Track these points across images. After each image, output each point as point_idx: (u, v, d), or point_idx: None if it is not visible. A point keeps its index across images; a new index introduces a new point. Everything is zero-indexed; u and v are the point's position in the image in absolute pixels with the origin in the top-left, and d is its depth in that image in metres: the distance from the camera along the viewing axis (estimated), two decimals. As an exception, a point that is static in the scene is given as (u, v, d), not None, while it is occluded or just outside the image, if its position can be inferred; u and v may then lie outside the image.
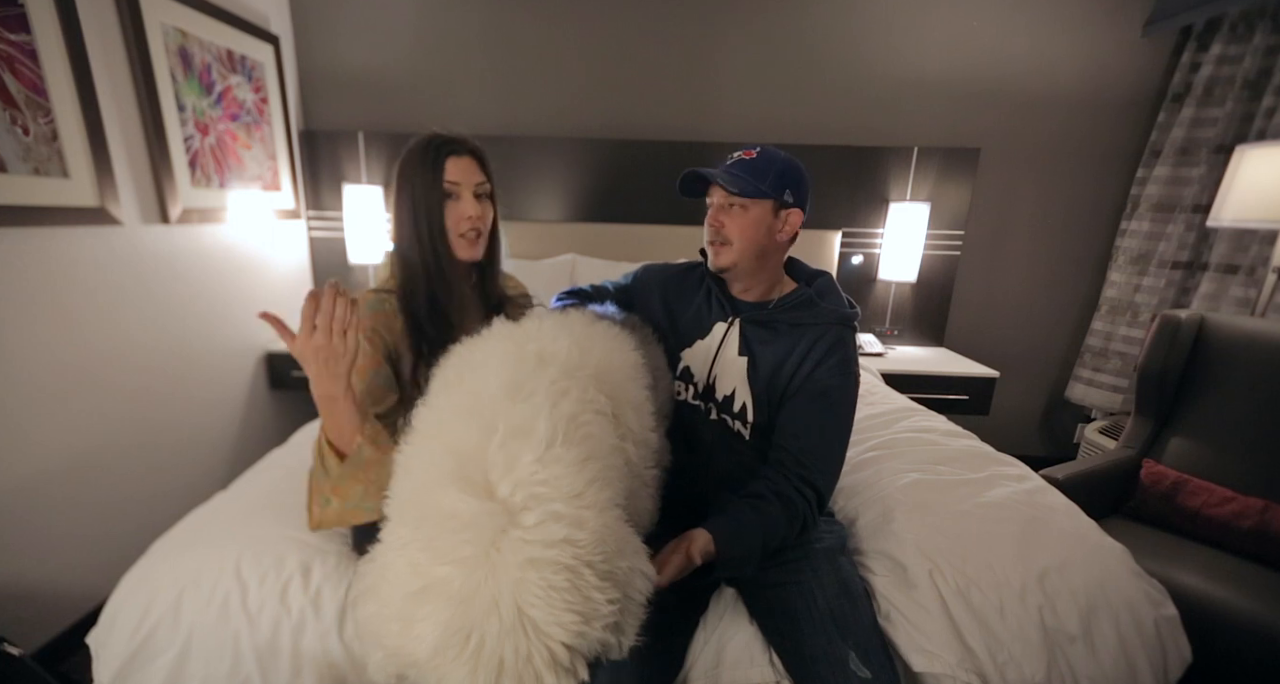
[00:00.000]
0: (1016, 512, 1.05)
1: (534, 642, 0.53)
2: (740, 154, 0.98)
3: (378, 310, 0.98)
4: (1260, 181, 1.68)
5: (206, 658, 0.89)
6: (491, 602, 0.53)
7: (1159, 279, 2.25)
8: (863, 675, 0.82)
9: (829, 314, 0.99)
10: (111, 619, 0.92)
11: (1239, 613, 1.15)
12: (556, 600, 0.53)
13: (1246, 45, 2.03)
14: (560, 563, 0.55)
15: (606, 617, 0.56)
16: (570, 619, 0.53)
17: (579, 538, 0.57)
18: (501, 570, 0.54)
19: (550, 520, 0.57)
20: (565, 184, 2.43)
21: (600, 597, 0.56)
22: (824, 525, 1.05)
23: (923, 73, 2.34)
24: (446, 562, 0.55)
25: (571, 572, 0.55)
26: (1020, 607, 0.90)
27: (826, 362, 0.96)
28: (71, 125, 1.45)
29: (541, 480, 0.59)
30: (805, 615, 0.88)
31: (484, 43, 2.34)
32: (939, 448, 1.33)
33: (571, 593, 0.54)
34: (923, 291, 2.52)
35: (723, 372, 1.02)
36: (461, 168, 0.99)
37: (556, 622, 0.53)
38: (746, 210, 0.97)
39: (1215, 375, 1.50)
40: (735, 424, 1.03)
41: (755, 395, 1.00)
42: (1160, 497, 1.46)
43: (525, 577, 0.53)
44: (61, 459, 1.48)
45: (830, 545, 1.00)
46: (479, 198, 1.01)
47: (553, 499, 0.58)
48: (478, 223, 1.01)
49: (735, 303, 1.05)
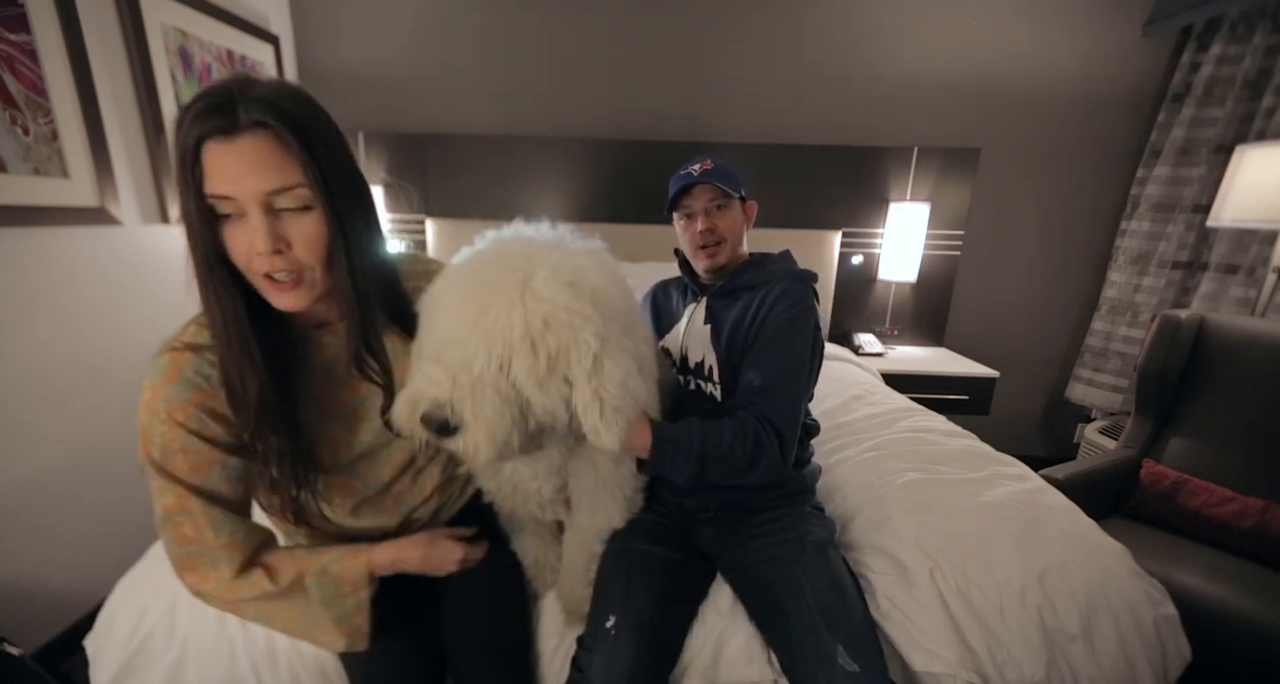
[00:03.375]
0: (1016, 511, 1.05)
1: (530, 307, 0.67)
2: (699, 166, 1.07)
3: (199, 388, 0.67)
4: (1260, 181, 1.68)
5: (203, 664, 0.89)
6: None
7: (1159, 279, 2.25)
8: (850, 669, 0.82)
9: (778, 271, 1.08)
10: (108, 623, 0.92)
11: (1239, 613, 1.15)
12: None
13: (1246, 45, 2.03)
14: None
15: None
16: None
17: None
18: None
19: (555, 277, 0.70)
20: (565, 184, 2.43)
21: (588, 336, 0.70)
22: (814, 518, 1.06)
23: (923, 73, 2.34)
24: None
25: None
26: (1020, 606, 0.90)
27: (775, 308, 1.01)
28: (71, 125, 1.45)
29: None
30: (794, 611, 0.89)
31: (484, 43, 2.34)
32: (938, 447, 1.33)
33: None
34: (923, 292, 2.52)
35: (692, 342, 1.10)
36: (236, 162, 0.57)
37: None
38: (728, 210, 1.08)
39: (1215, 375, 1.50)
40: (708, 387, 1.07)
41: (719, 356, 1.05)
42: (1160, 497, 1.46)
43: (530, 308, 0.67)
44: (61, 459, 1.48)
45: (821, 538, 1.01)
46: (278, 213, 0.61)
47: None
48: (284, 262, 0.63)
49: (703, 286, 1.14)
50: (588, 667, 0.85)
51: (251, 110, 0.56)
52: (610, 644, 0.85)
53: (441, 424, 0.65)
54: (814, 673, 0.83)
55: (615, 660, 0.83)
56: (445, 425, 0.65)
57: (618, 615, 0.88)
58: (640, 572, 0.95)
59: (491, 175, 2.39)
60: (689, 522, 1.08)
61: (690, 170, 1.07)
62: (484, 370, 0.66)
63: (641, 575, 0.94)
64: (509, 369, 0.67)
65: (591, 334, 0.69)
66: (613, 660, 0.83)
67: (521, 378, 0.68)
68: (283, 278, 0.64)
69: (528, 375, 0.67)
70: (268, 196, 0.59)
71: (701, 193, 1.07)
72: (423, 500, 0.91)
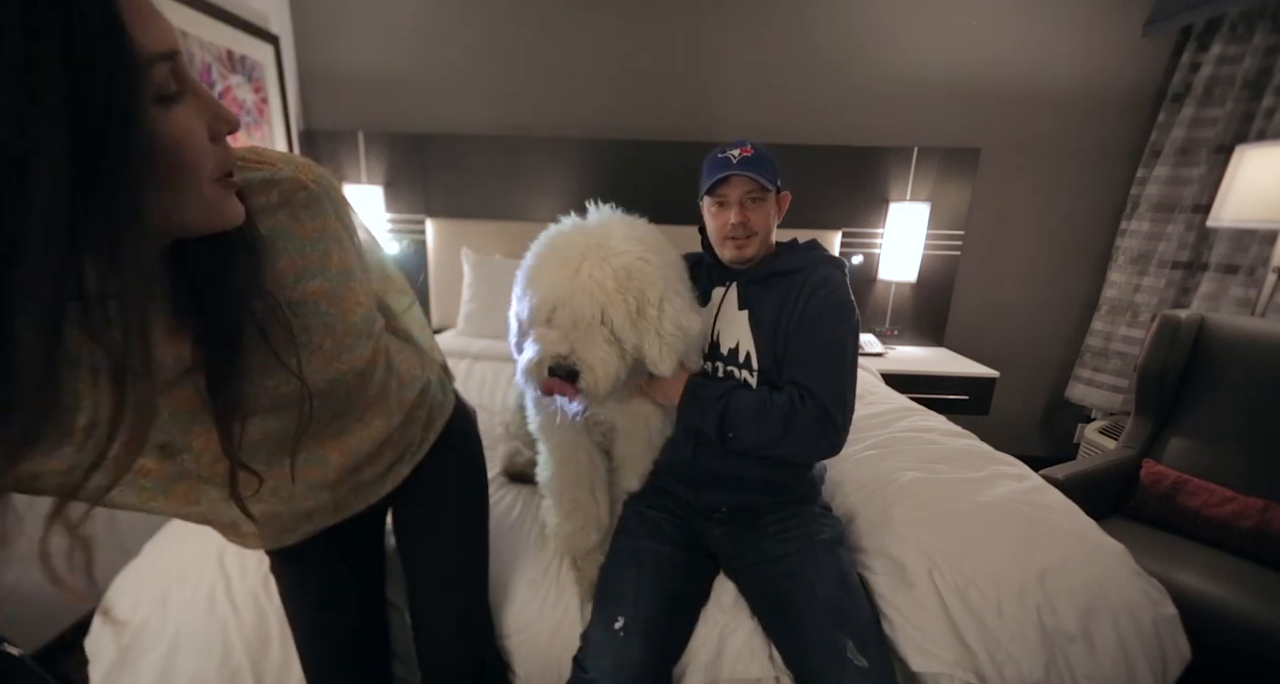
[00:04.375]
0: (1015, 511, 1.05)
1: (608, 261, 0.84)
2: (739, 152, 1.01)
3: None
4: (1260, 181, 1.68)
5: (196, 651, 0.89)
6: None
7: (1159, 279, 2.25)
8: (860, 665, 0.82)
9: (814, 257, 1.06)
10: (102, 620, 0.93)
11: (1239, 613, 1.15)
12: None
13: (1246, 45, 2.03)
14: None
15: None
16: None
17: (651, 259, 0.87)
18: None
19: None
20: (565, 184, 2.43)
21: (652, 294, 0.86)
22: (822, 518, 1.06)
23: (923, 73, 2.33)
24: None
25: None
26: (1019, 606, 0.90)
27: (816, 294, 1.00)
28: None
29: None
30: (804, 605, 0.89)
31: (484, 43, 2.34)
32: (938, 447, 1.34)
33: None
34: (923, 292, 2.52)
35: (725, 327, 1.07)
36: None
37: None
38: (764, 202, 1.04)
39: (1215, 375, 1.50)
40: (743, 374, 1.05)
41: (758, 343, 1.03)
42: (1160, 497, 1.45)
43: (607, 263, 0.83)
44: (61, 459, 1.48)
45: (829, 538, 1.01)
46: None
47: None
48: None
49: (730, 271, 1.10)
50: (593, 667, 0.85)
51: None
52: (620, 645, 0.85)
53: (569, 370, 0.81)
54: (823, 668, 0.83)
55: (624, 662, 0.83)
56: (572, 371, 0.81)
57: (627, 617, 0.88)
58: (650, 572, 0.95)
59: (491, 175, 2.39)
60: (698, 520, 1.08)
61: (729, 155, 1.01)
62: (591, 322, 0.83)
63: (651, 576, 0.95)
64: (607, 316, 0.83)
65: (659, 278, 0.86)
66: (621, 662, 0.83)
67: (617, 322, 0.83)
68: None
69: (622, 319, 0.83)
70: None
71: (740, 183, 1.01)
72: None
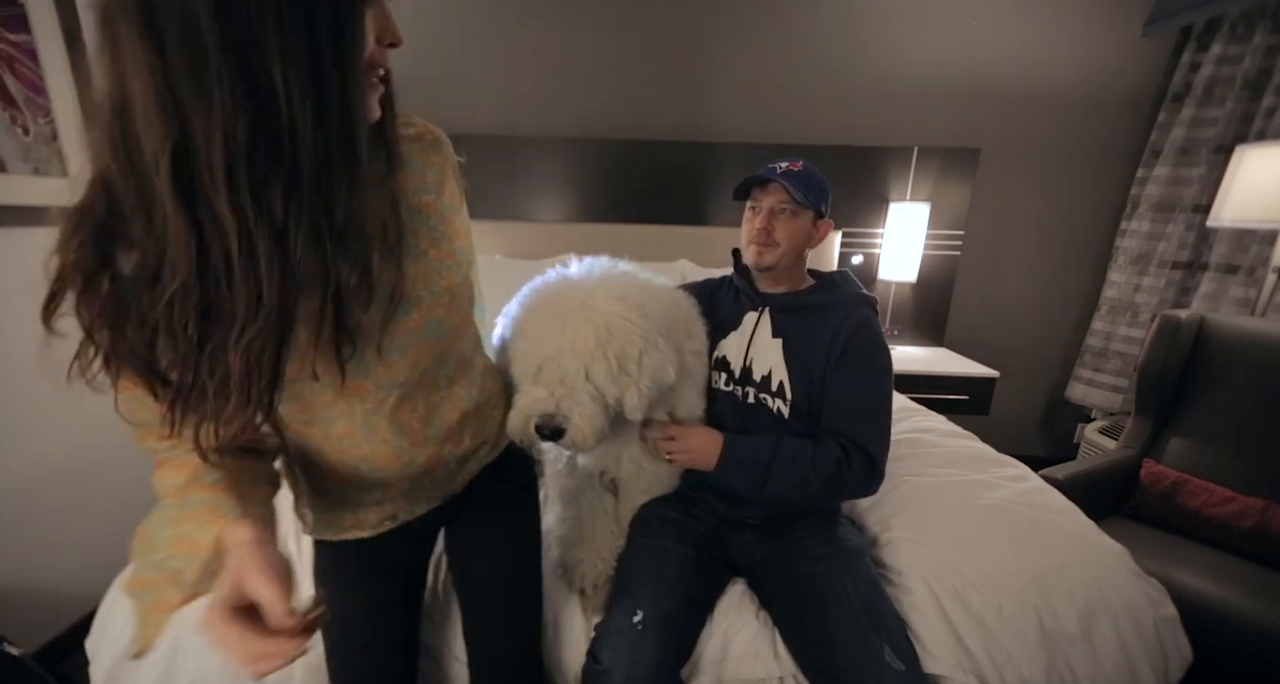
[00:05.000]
0: (1015, 512, 1.05)
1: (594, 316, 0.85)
2: (786, 165, 1.03)
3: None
4: (1260, 181, 1.68)
5: (197, 653, 0.89)
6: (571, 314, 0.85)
7: (1159, 279, 2.25)
8: (897, 668, 0.83)
9: (850, 295, 1.07)
10: (104, 620, 0.93)
11: (1239, 613, 1.15)
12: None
13: (1246, 45, 2.03)
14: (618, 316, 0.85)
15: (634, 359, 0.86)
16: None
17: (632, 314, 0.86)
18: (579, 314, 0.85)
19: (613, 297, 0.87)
20: (565, 184, 2.42)
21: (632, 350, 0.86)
22: (849, 527, 1.08)
23: (923, 73, 2.33)
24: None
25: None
26: (1019, 608, 0.90)
27: (857, 336, 1.02)
28: (71, 125, 1.45)
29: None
30: (837, 604, 0.90)
31: (484, 42, 2.34)
32: (938, 449, 1.34)
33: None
34: (923, 291, 2.52)
35: (759, 354, 1.07)
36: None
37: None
38: (796, 217, 1.04)
39: (1215, 375, 1.50)
40: (775, 403, 1.06)
41: (792, 373, 1.04)
42: (1160, 497, 1.45)
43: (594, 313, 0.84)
44: (62, 459, 1.48)
45: (859, 545, 1.03)
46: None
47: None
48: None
49: (763, 295, 1.11)
50: (608, 659, 0.85)
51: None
52: (637, 640, 0.86)
53: (554, 429, 0.82)
54: (860, 669, 0.83)
55: (640, 658, 0.84)
56: (557, 429, 0.82)
57: (646, 612, 0.89)
58: (671, 571, 0.96)
59: (492, 175, 2.38)
60: (729, 527, 1.09)
61: (776, 165, 1.04)
62: (576, 379, 0.84)
63: (672, 575, 0.95)
64: (591, 373, 0.85)
65: (639, 335, 0.86)
66: (638, 657, 0.84)
67: (600, 378, 0.85)
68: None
69: (605, 375, 0.85)
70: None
71: (774, 190, 1.04)
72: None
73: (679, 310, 1.01)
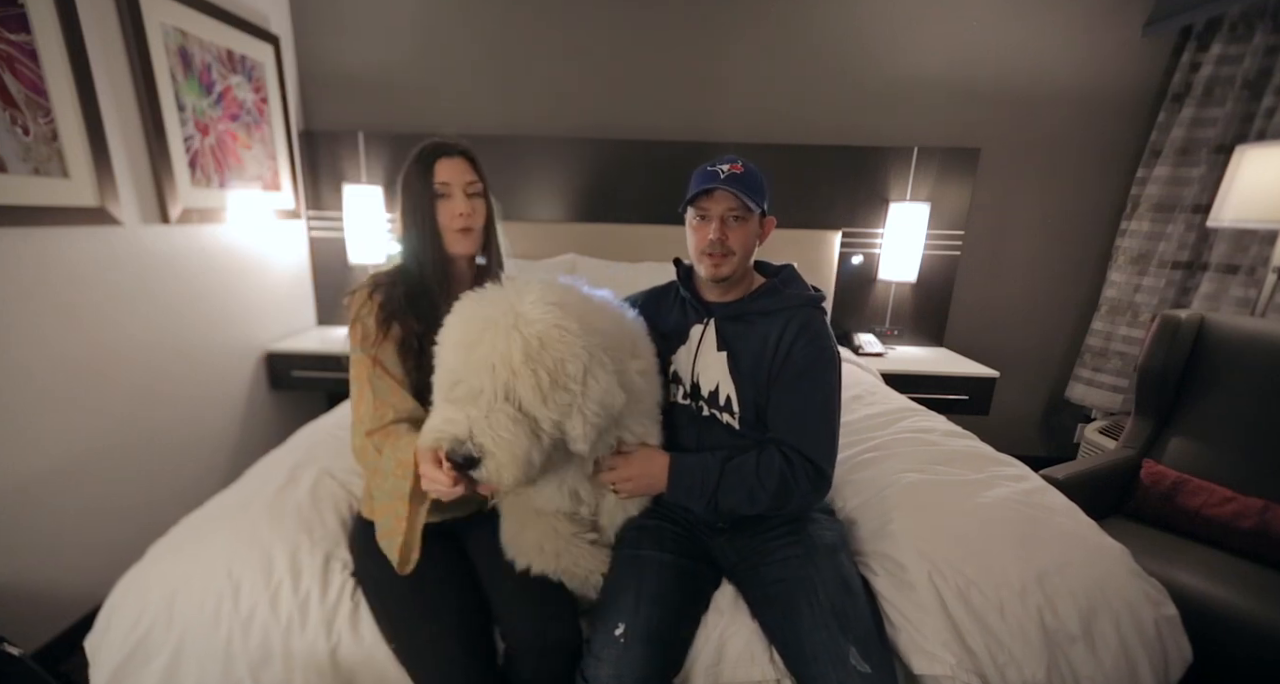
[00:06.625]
0: (1016, 512, 1.05)
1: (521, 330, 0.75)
2: (728, 167, 1.00)
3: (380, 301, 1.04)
4: (1260, 181, 1.68)
5: (200, 661, 0.89)
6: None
7: (1159, 279, 2.25)
8: (863, 670, 0.82)
9: (794, 298, 1.05)
10: (106, 622, 0.92)
11: (1239, 613, 1.15)
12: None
13: (1246, 45, 2.03)
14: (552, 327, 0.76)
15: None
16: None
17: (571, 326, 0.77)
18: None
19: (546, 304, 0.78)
20: (565, 184, 2.43)
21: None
22: (824, 522, 1.06)
23: (923, 73, 2.33)
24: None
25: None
26: (1020, 607, 0.90)
27: (799, 341, 1.00)
28: (71, 125, 1.45)
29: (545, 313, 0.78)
30: (806, 611, 0.89)
31: (484, 42, 2.34)
32: (938, 448, 1.33)
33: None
34: (923, 291, 2.52)
35: (704, 369, 1.06)
36: (451, 168, 1.05)
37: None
38: (746, 222, 1.02)
39: (1215, 375, 1.50)
40: (724, 417, 1.06)
41: (739, 386, 1.03)
42: (1160, 497, 1.46)
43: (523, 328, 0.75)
44: (62, 459, 1.48)
45: (831, 542, 1.01)
46: (470, 196, 1.07)
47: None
48: (469, 219, 1.05)
49: (708, 305, 1.09)
50: (594, 677, 0.84)
51: (459, 147, 1.10)
52: (620, 652, 0.84)
53: (466, 457, 0.72)
54: (826, 672, 0.83)
55: (625, 670, 0.83)
56: (470, 458, 0.72)
57: (627, 624, 0.87)
58: (651, 580, 0.94)
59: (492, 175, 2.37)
60: (701, 530, 1.08)
61: (718, 169, 1.00)
62: (491, 399, 0.73)
63: (652, 584, 0.93)
64: (514, 393, 0.74)
65: (581, 347, 0.76)
66: (622, 671, 0.83)
67: (527, 399, 0.74)
68: (463, 231, 1.06)
69: (532, 395, 0.73)
70: (467, 186, 1.07)
71: (723, 198, 1.00)
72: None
73: (625, 326, 0.94)
